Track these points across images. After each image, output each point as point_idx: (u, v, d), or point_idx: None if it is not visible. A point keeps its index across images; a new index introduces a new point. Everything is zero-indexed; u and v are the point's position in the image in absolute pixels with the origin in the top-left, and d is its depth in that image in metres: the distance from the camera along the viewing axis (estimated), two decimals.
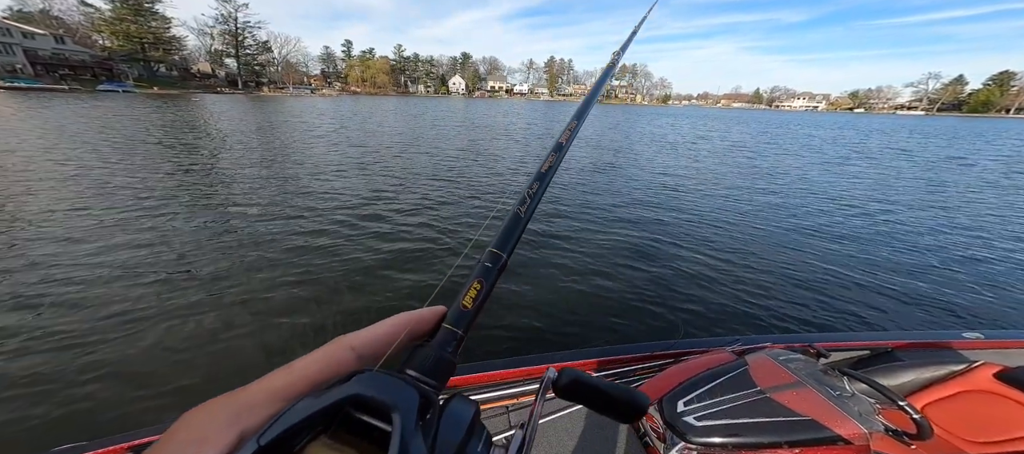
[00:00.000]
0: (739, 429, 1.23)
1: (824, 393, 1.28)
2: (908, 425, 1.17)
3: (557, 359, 1.91)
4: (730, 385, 1.39)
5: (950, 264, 5.70)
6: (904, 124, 50.64)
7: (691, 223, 7.24)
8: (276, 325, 3.62)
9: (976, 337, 1.97)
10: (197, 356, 3.17)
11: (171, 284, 4.24)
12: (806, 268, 5.32)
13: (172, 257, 4.91)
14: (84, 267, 4.54)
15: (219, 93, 66.97)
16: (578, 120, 0.50)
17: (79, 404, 2.66)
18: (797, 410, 1.23)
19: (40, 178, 8.43)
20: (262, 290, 4.20)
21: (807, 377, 1.36)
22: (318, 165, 11.29)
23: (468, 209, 7.77)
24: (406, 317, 0.29)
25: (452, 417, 0.24)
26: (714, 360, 1.58)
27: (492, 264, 0.32)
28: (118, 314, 3.63)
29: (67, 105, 27.72)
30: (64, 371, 2.91)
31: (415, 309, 0.29)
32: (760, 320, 3.98)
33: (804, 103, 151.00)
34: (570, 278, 4.79)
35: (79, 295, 3.93)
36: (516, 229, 0.36)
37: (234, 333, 3.46)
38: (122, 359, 3.07)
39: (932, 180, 12.63)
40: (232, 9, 79.64)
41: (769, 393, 1.31)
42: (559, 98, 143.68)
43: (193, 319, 3.62)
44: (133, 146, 12.73)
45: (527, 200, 0.38)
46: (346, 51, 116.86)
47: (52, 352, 3.11)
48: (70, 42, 60.12)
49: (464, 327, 0.28)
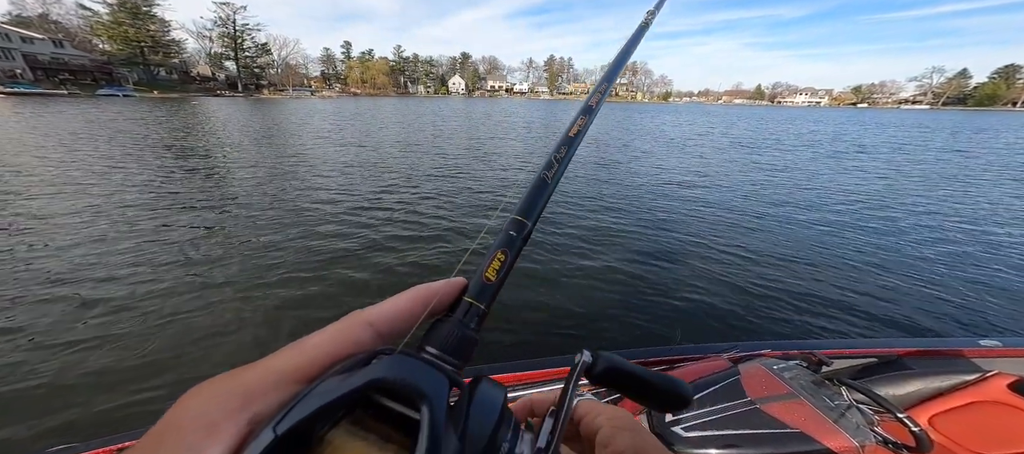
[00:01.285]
0: (727, 441, 1.21)
1: (817, 404, 1.25)
2: (908, 437, 1.14)
3: (550, 366, 1.86)
4: (721, 395, 1.35)
5: (969, 267, 5.35)
6: (910, 119, 49.69)
7: (690, 222, 7.00)
8: (296, 313, 3.63)
9: (993, 345, 1.87)
10: (212, 351, 3.15)
11: (187, 280, 4.24)
12: (811, 269, 5.05)
13: (194, 252, 4.97)
14: (112, 265, 4.56)
15: (219, 96, 67.05)
16: (608, 82, 0.51)
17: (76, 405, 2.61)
18: (786, 422, 1.21)
19: (55, 182, 8.38)
20: (276, 282, 4.25)
21: (800, 388, 1.32)
22: (330, 164, 11.27)
23: (475, 198, 7.93)
24: (425, 289, 0.27)
25: (482, 404, 0.23)
26: (708, 367, 1.53)
27: (516, 232, 0.30)
28: (149, 310, 3.64)
29: (64, 110, 27.58)
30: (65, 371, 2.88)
31: (434, 281, 0.27)
32: (760, 324, 3.78)
33: (806, 99, 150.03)
34: (559, 280, 4.59)
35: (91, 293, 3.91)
36: (543, 195, 0.33)
37: (255, 323, 3.47)
38: (143, 351, 3.09)
39: (950, 177, 12.19)
40: (230, 12, 79.69)
41: (759, 404, 1.28)
42: (559, 97, 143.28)
43: (217, 313, 3.61)
44: (143, 150, 12.58)
45: (553, 164, 0.36)
46: (346, 52, 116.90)
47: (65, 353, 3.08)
48: (69, 46, 60.21)
49: (487, 301, 0.27)
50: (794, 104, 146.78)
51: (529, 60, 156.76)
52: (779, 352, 1.80)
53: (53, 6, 68.78)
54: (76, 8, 66.40)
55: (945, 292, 4.55)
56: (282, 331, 3.45)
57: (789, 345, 1.94)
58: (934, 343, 1.97)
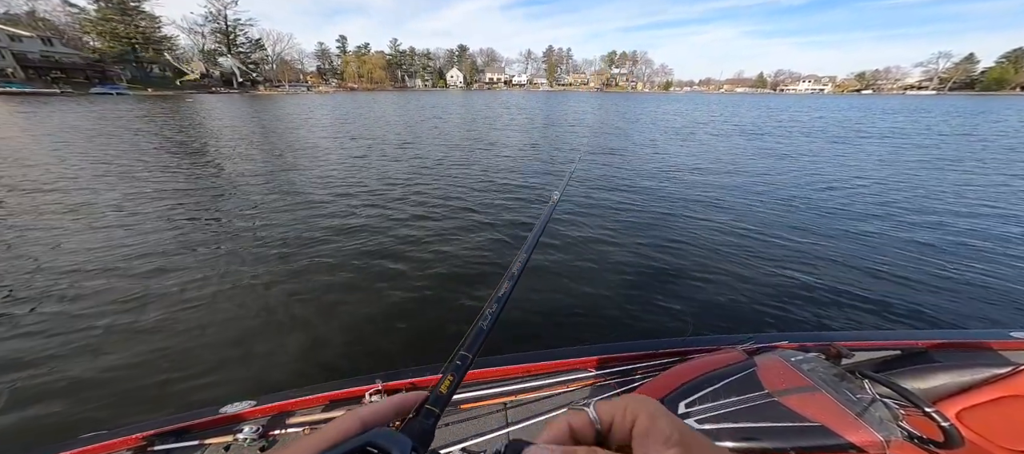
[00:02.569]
0: (743, 433, 1.18)
1: (838, 397, 1.20)
2: (935, 432, 1.09)
3: (558, 357, 1.86)
4: (736, 387, 1.31)
5: (999, 255, 4.93)
6: (921, 105, 48.48)
7: (700, 210, 6.76)
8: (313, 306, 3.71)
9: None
10: (239, 345, 3.19)
11: (209, 276, 4.26)
12: (828, 258, 4.79)
13: (209, 250, 4.98)
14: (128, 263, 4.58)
15: (214, 93, 66.05)
16: (528, 253, 0.62)
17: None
18: (805, 415, 1.17)
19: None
20: (288, 276, 4.31)
21: (820, 380, 1.28)
22: (339, 160, 11.12)
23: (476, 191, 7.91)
24: (401, 398, 0.38)
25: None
26: (722, 360, 1.50)
27: (461, 362, 0.41)
28: (171, 303, 3.74)
29: (69, 108, 26.83)
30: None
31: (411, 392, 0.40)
32: (775, 316, 3.62)
33: (809, 86, 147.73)
34: (568, 270, 4.46)
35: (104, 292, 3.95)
36: (481, 335, 0.47)
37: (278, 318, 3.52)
38: (170, 342, 3.19)
39: (978, 160, 11.55)
40: (221, 6, 78.14)
41: (777, 397, 1.24)
42: (558, 88, 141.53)
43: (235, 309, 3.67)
44: (144, 152, 12.18)
45: (494, 305, 0.50)
46: (341, 47, 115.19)
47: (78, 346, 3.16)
48: (59, 44, 59.09)
49: (441, 407, 0.37)
50: (797, 91, 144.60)
51: (527, 51, 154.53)
52: (796, 344, 1.75)
53: (39, 3, 67.31)
54: (62, 5, 64.86)
55: (970, 282, 4.23)
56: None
57: (806, 337, 1.86)
58: (961, 335, 1.87)
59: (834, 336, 1.89)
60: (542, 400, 1.76)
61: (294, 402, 1.66)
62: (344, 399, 1.69)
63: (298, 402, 1.67)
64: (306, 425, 1.57)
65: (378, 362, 3.02)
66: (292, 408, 1.66)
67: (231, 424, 1.59)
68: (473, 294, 3.95)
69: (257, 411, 1.62)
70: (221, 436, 1.51)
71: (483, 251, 5.04)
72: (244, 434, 1.47)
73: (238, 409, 1.60)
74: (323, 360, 3.03)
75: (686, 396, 1.31)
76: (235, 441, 1.48)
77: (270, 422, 1.59)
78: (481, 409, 1.70)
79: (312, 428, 1.54)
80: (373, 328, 3.41)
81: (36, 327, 3.35)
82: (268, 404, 1.64)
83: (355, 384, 1.71)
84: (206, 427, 1.57)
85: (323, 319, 3.49)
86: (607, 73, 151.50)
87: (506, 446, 0.32)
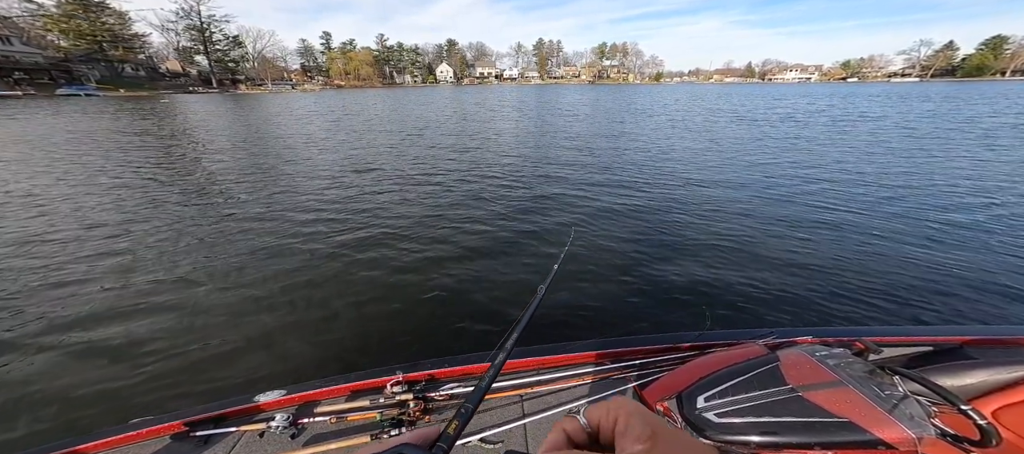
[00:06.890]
0: (764, 427, 1.14)
1: (866, 393, 1.15)
2: (970, 431, 1.03)
3: (575, 350, 1.87)
4: (758, 381, 1.27)
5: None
6: (910, 91, 48.71)
7: (718, 200, 6.63)
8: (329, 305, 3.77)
9: None
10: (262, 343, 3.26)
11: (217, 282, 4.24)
12: (854, 250, 4.62)
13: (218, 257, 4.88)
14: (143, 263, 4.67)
15: (192, 93, 62.70)
16: (506, 355, 0.61)
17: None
18: (832, 411, 1.12)
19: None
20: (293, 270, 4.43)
21: (847, 376, 1.23)
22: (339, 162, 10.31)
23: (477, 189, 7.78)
24: (415, 434, 0.38)
25: None
26: (743, 354, 1.47)
27: (465, 411, 0.45)
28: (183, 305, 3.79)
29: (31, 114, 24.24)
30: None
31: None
32: (798, 310, 3.52)
33: (797, 75, 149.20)
34: (584, 263, 4.42)
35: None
36: (480, 394, 0.49)
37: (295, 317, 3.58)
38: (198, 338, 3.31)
39: (999, 145, 11.07)
40: (193, 2, 73.85)
41: (802, 392, 1.19)
42: (550, 81, 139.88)
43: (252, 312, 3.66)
44: (128, 154, 11.37)
45: (485, 379, 0.53)
46: (325, 43, 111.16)
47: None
48: (18, 43, 54.92)
49: (449, 444, 0.38)
50: (785, 81, 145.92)
51: (518, 44, 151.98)
52: (818, 339, 1.69)
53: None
54: (19, 1, 60.11)
55: (1007, 275, 3.98)
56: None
57: (829, 332, 1.79)
58: (996, 331, 1.79)
59: (859, 331, 1.83)
60: (559, 392, 1.76)
61: (320, 392, 1.74)
62: (366, 389, 1.75)
63: (324, 392, 1.74)
64: (332, 414, 1.62)
65: (398, 356, 3.11)
66: (318, 397, 1.74)
67: (264, 412, 1.67)
68: (491, 294, 3.94)
69: (286, 401, 1.69)
70: (256, 424, 1.59)
71: (503, 260, 4.77)
72: (277, 422, 1.55)
73: (270, 398, 1.67)
74: (346, 353, 3.15)
75: (706, 389, 1.28)
76: (268, 428, 1.55)
77: (298, 410, 1.68)
78: (498, 400, 1.72)
79: (338, 417, 1.62)
80: (392, 324, 3.50)
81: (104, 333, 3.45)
82: (296, 393, 1.71)
83: (377, 375, 1.76)
84: (242, 414, 1.65)
85: (347, 315, 3.61)
86: (599, 65, 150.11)
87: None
